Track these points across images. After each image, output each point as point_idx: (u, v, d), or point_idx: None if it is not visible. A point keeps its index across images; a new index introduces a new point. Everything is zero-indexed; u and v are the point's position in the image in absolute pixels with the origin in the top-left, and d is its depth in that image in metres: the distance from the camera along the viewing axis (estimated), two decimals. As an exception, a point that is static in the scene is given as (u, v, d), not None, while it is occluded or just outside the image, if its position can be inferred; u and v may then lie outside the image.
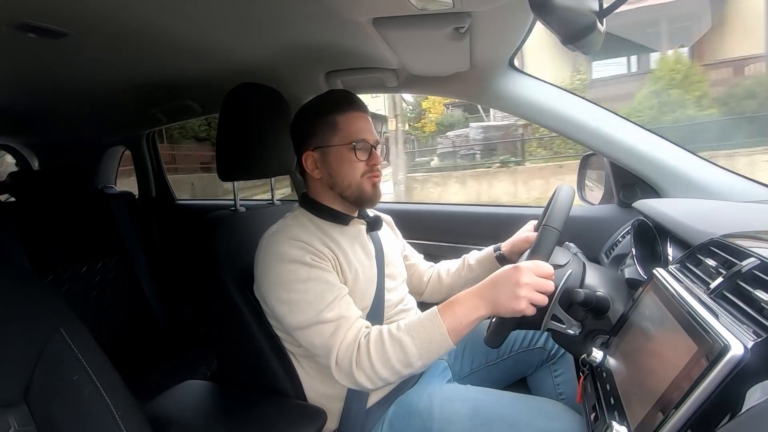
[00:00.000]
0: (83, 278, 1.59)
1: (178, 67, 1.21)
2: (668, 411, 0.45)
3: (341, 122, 0.91)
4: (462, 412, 0.85)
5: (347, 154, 0.91)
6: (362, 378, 0.77)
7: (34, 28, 0.82)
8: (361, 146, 0.91)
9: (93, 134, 2.08)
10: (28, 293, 0.67)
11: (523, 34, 0.98)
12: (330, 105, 0.93)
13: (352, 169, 0.91)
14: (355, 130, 0.91)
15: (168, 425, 0.87)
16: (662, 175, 1.12)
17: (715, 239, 0.67)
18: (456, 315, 0.76)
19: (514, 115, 1.27)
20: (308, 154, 0.93)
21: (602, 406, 0.61)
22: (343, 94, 0.96)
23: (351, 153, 0.91)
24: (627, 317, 0.68)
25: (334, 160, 0.92)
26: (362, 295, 0.91)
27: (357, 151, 0.91)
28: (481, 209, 1.60)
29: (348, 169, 0.91)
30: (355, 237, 0.96)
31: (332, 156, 0.92)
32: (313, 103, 0.96)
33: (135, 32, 0.91)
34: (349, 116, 0.92)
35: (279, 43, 1.05)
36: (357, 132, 0.91)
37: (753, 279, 0.52)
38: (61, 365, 0.63)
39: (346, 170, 0.92)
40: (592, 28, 0.54)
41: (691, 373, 0.44)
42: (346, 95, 0.95)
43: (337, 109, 0.92)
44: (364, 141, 0.91)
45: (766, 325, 0.44)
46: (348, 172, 0.92)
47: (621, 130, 1.16)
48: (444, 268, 1.18)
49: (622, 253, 1.05)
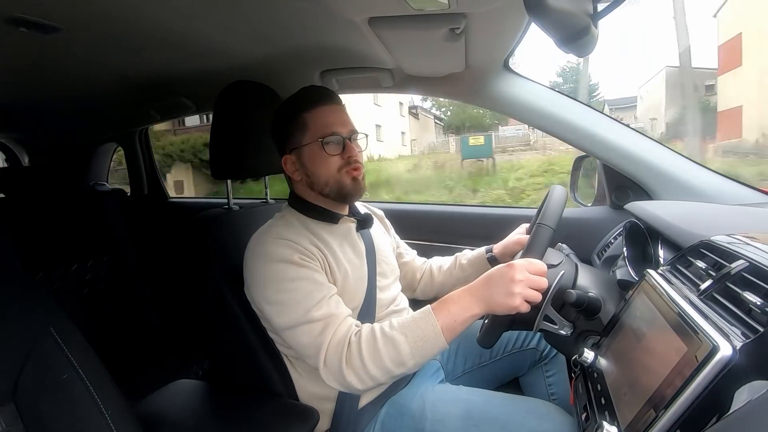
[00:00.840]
0: (74, 276, 1.58)
1: (172, 64, 1.20)
2: (658, 411, 0.45)
3: (309, 119, 0.89)
4: (454, 413, 0.85)
5: (318, 151, 0.89)
6: (352, 377, 0.76)
7: (25, 23, 0.81)
8: (332, 140, 0.89)
9: (85, 131, 2.06)
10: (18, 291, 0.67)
11: (519, 36, 0.98)
12: (298, 103, 0.91)
13: (326, 166, 0.89)
14: (323, 125, 0.89)
15: (159, 424, 0.86)
16: (654, 178, 1.13)
17: (705, 241, 0.68)
18: (450, 313, 0.75)
19: (508, 117, 1.28)
20: (287, 157, 0.92)
21: (593, 406, 0.61)
22: (310, 90, 0.93)
23: (321, 149, 0.88)
24: (618, 318, 0.69)
25: (308, 160, 0.90)
26: (352, 295, 0.91)
27: (326, 146, 0.88)
28: (474, 209, 1.60)
29: (321, 166, 0.89)
30: (344, 236, 0.96)
31: (306, 156, 0.90)
32: (284, 105, 0.94)
33: (129, 28, 0.91)
34: (316, 112, 0.89)
35: (274, 41, 1.04)
36: (325, 126, 0.88)
37: (742, 281, 0.53)
38: (50, 364, 0.62)
39: (319, 168, 0.89)
40: (586, 30, 0.54)
41: (681, 374, 0.45)
42: (311, 91, 0.92)
43: (305, 107, 0.89)
44: (334, 134, 0.89)
45: (755, 327, 0.45)
46: (322, 170, 0.89)
47: (614, 132, 1.17)
48: (436, 265, 1.18)
49: (614, 255, 1.06)
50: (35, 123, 1.85)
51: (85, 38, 0.94)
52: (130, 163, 2.19)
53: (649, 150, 1.14)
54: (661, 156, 1.14)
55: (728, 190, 1.07)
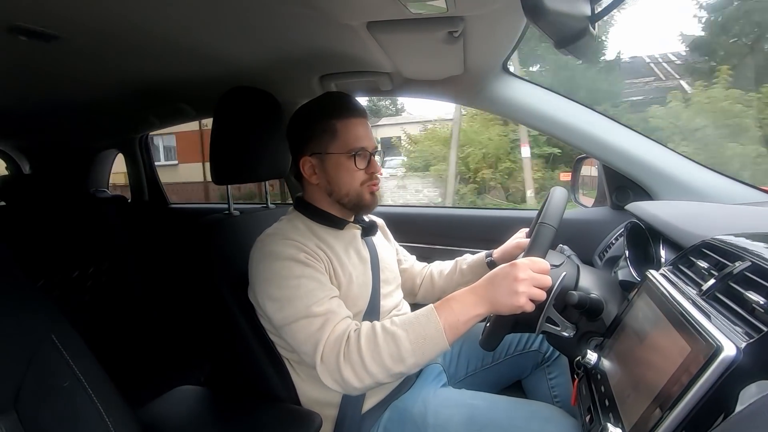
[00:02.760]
0: (75, 283, 1.58)
1: (171, 71, 1.20)
2: (663, 411, 0.45)
3: (340, 129, 0.89)
4: (456, 418, 0.85)
5: (346, 163, 0.89)
6: (349, 373, 0.73)
7: (24, 31, 0.81)
8: (361, 154, 0.90)
9: (85, 137, 2.07)
10: (19, 299, 0.67)
11: (517, 39, 0.98)
12: (329, 110, 0.91)
13: (351, 178, 0.90)
14: (354, 138, 0.90)
15: (161, 431, 0.86)
16: (654, 178, 1.13)
17: (707, 241, 0.68)
18: (453, 312, 0.74)
19: (508, 119, 1.28)
20: (306, 159, 0.92)
21: (597, 408, 0.61)
22: (343, 98, 0.94)
23: (350, 161, 0.89)
24: (621, 319, 0.68)
25: (333, 168, 0.90)
26: (355, 300, 0.90)
27: (357, 159, 0.89)
28: (474, 212, 1.60)
29: (347, 177, 0.90)
30: (349, 242, 0.96)
31: (330, 163, 0.90)
32: (311, 106, 0.94)
33: (127, 35, 0.91)
34: (348, 123, 0.90)
35: (273, 47, 1.04)
36: (356, 140, 0.90)
37: (744, 280, 0.53)
38: (51, 372, 0.62)
39: (344, 178, 0.90)
40: (584, 32, 0.54)
41: (685, 374, 0.45)
42: (345, 100, 0.93)
43: (337, 115, 0.90)
44: (363, 149, 0.90)
45: (758, 326, 0.45)
46: (346, 181, 0.90)
47: (614, 133, 1.17)
48: (437, 270, 1.17)
49: (616, 256, 1.06)
50: (36, 130, 1.85)
51: (84, 46, 0.94)
52: (131, 169, 2.20)
53: (649, 150, 1.15)
54: (661, 156, 1.14)
55: (729, 190, 1.07)
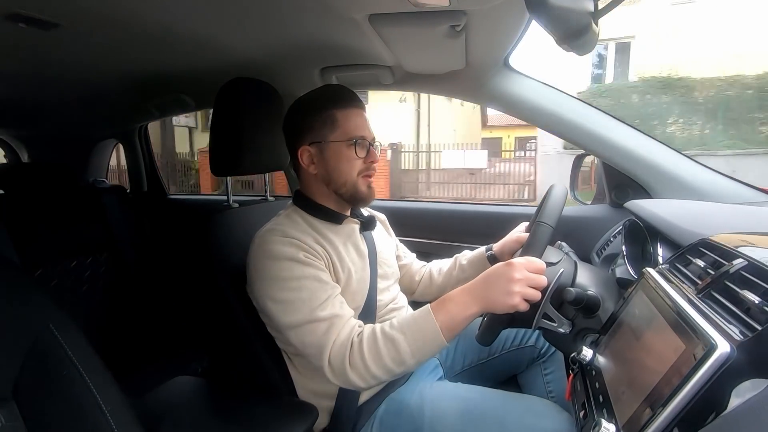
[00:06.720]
0: (73, 273, 1.57)
1: (172, 61, 1.19)
2: (656, 408, 0.45)
3: (341, 118, 0.90)
4: (452, 411, 0.86)
5: (346, 151, 0.90)
6: (355, 377, 0.77)
7: (24, 19, 0.81)
8: (360, 143, 0.90)
9: (84, 127, 2.06)
10: (17, 288, 0.66)
11: (519, 34, 0.98)
12: (328, 100, 0.92)
13: (350, 167, 0.91)
14: (354, 127, 0.90)
15: (159, 421, 0.86)
16: (654, 177, 1.13)
17: (704, 240, 0.68)
18: (449, 312, 0.76)
19: (509, 114, 1.28)
20: (304, 148, 0.92)
21: (591, 404, 0.61)
22: (341, 89, 0.95)
23: (350, 150, 0.90)
24: (617, 316, 0.69)
25: (332, 156, 0.91)
26: (354, 296, 0.91)
27: (356, 147, 0.90)
28: (474, 207, 1.60)
29: (346, 166, 0.91)
30: (348, 236, 0.96)
31: (330, 152, 0.91)
32: (309, 97, 0.95)
33: (128, 25, 0.90)
34: (348, 112, 0.91)
35: (274, 38, 1.04)
36: (356, 128, 0.90)
37: (740, 279, 0.53)
38: (50, 361, 0.62)
39: (343, 167, 0.91)
40: (587, 28, 0.54)
41: (679, 372, 0.45)
42: (344, 91, 0.94)
43: (336, 105, 0.91)
44: (362, 138, 0.91)
45: (753, 325, 0.45)
46: (345, 169, 0.91)
47: (614, 130, 1.16)
48: (436, 268, 1.18)
49: (613, 253, 1.06)
50: (35, 119, 1.84)
51: (84, 34, 0.93)
52: (130, 160, 2.19)
53: (649, 148, 1.14)
54: (661, 154, 1.14)
55: (728, 189, 1.07)
